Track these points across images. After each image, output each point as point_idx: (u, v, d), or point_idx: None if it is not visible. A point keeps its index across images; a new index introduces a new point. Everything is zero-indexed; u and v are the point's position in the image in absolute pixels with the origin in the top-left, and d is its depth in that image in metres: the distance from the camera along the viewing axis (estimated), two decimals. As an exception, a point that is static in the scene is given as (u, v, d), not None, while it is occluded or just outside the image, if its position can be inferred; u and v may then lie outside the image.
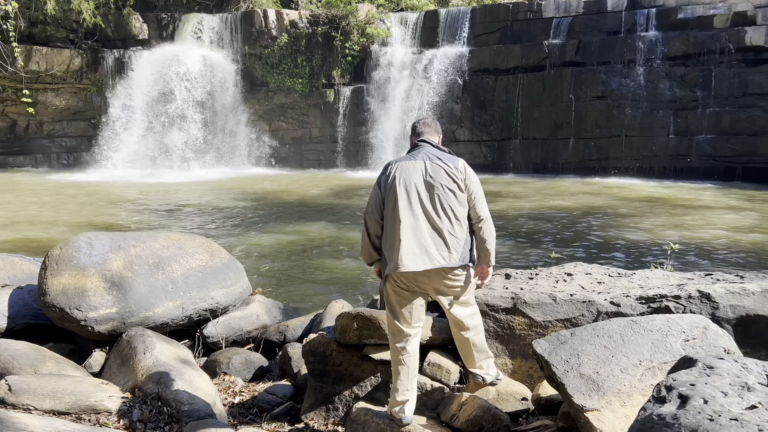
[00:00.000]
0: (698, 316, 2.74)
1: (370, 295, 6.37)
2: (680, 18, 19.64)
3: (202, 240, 6.12)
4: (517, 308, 3.55)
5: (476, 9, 22.73)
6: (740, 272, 3.85)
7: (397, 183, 3.39)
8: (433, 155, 3.47)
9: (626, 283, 3.84)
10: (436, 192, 3.34)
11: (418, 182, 3.37)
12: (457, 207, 3.34)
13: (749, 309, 3.07)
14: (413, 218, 3.30)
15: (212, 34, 23.19)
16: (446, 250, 3.27)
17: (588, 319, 3.37)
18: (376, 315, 3.60)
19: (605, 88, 20.08)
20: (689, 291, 3.22)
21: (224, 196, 15.52)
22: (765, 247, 9.10)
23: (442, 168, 3.39)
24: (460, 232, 3.33)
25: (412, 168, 3.41)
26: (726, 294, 3.13)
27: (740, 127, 18.55)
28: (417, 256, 3.25)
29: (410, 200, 3.33)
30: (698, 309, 3.13)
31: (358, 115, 22.98)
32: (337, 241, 10.10)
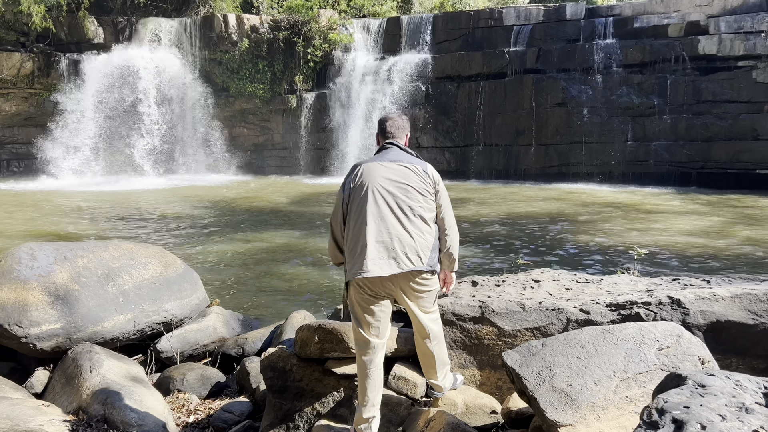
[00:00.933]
0: (671, 323, 2.65)
1: (334, 305, 6.18)
2: (636, 27, 20.06)
3: (155, 249, 5.84)
4: (485, 317, 3.42)
5: (438, 16, 22.81)
6: (707, 277, 3.81)
7: (363, 185, 3.27)
8: (402, 159, 3.37)
9: (594, 290, 3.76)
10: (404, 195, 3.23)
11: (386, 185, 3.25)
12: (425, 211, 3.25)
13: (719, 315, 3.01)
14: (380, 221, 3.18)
15: (171, 39, 22.69)
16: (414, 254, 3.15)
17: (557, 327, 3.26)
18: (339, 327, 3.42)
19: (565, 95, 20.35)
20: (659, 297, 3.14)
21: (182, 204, 15.10)
22: (725, 251, 9.24)
23: (410, 171, 3.30)
24: (429, 236, 3.23)
25: (380, 170, 3.31)
26: (696, 300, 3.07)
27: (695, 133, 19.00)
28: (384, 260, 3.12)
29: (377, 203, 3.21)
30: (669, 315, 3.06)
31: (320, 121, 22.77)
32: (299, 249, 9.88)
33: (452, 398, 3.26)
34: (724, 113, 18.72)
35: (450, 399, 3.26)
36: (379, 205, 3.21)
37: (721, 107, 18.76)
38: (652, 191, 17.74)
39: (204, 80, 22.75)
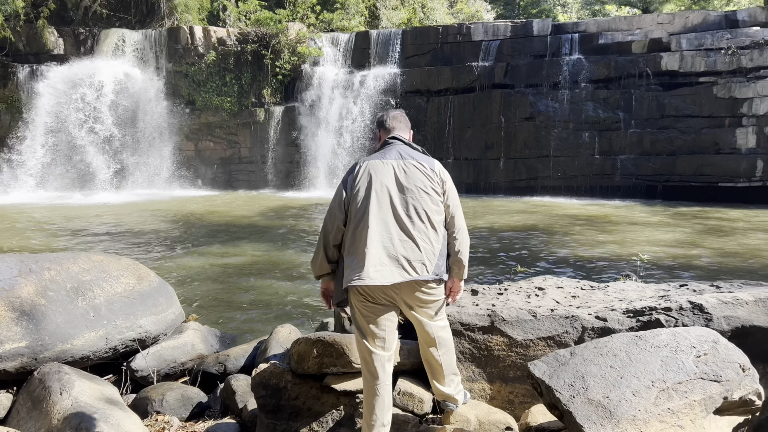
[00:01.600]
0: (704, 329, 2.51)
1: (318, 319, 5.92)
2: (601, 43, 20.45)
3: (128, 262, 5.50)
4: (495, 326, 3.23)
5: (407, 31, 22.87)
6: (714, 282, 3.71)
7: (365, 184, 3.01)
8: (407, 154, 3.12)
9: (602, 296, 3.61)
10: (410, 195, 2.98)
11: (390, 184, 3.00)
12: (432, 213, 2.99)
13: (744, 320, 2.89)
14: (383, 224, 2.93)
15: (134, 51, 22.16)
16: (420, 261, 2.90)
17: (572, 336, 3.09)
18: (339, 339, 3.19)
19: (533, 109, 20.55)
20: (680, 302, 3.00)
21: (148, 219, 14.60)
22: (701, 260, 9.30)
23: (417, 169, 3.05)
24: (436, 241, 2.98)
25: (383, 168, 3.05)
26: (719, 304, 2.94)
27: (659, 147, 19.38)
28: (386, 267, 2.87)
29: (380, 204, 2.96)
30: (691, 321, 2.92)
31: (289, 135, 22.49)
32: (273, 263, 9.57)
33: (464, 414, 3.05)
34: (687, 128, 19.16)
35: (462, 415, 3.04)
36: (381, 207, 2.96)
37: (684, 122, 19.20)
38: (620, 204, 17.97)
39: (169, 93, 22.24)
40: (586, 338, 3.05)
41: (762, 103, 18.21)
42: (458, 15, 33.77)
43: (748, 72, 18.39)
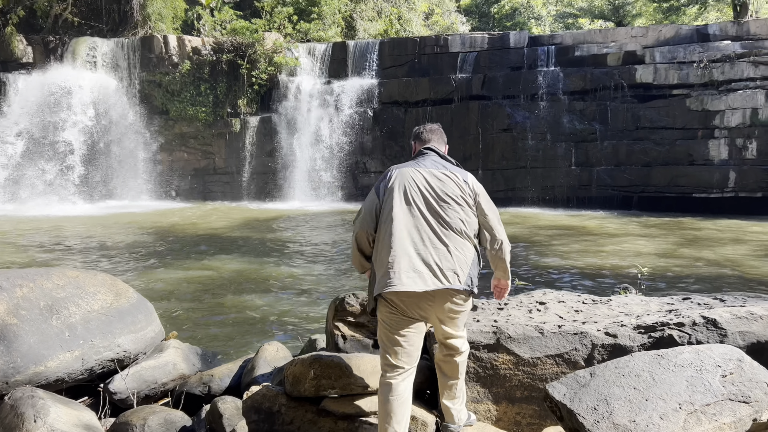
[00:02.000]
0: (727, 346, 2.41)
1: (306, 336, 5.73)
2: (577, 55, 20.67)
3: (104, 277, 5.25)
4: (501, 344, 3.10)
5: (384, 42, 22.85)
6: (718, 295, 3.63)
7: (398, 191, 2.98)
8: (441, 164, 3.15)
9: (606, 311, 3.51)
10: (443, 204, 2.97)
11: (423, 192, 2.99)
12: (465, 222, 2.98)
13: (759, 335, 2.80)
14: (416, 231, 2.91)
15: (106, 59, 21.71)
16: (452, 270, 2.85)
17: (582, 353, 2.97)
18: (338, 360, 3.02)
19: (510, 121, 20.65)
20: (692, 317, 2.90)
21: (121, 232, 14.21)
22: (684, 271, 9.34)
23: (450, 179, 3.07)
24: (467, 251, 2.95)
25: (417, 176, 3.05)
26: (733, 319, 2.85)
27: (635, 158, 19.60)
28: (418, 274, 2.82)
29: (411, 211, 2.94)
30: (704, 337, 2.82)
31: (265, 145, 22.22)
32: (252, 277, 9.33)
33: (470, 437, 2.90)
34: (661, 139, 19.43)
35: (468, 438, 2.89)
36: (413, 215, 2.94)
37: (658, 133, 19.47)
38: (597, 215, 18.10)
39: (142, 102, 21.83)
40: (596, 355, 2.94)
41: (733, 116, 18.56)
42: (434, 27, 33.96)
43: (720, 85, 18.75)
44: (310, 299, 7.88)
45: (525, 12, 36.47)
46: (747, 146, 18.39)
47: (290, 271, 9.77)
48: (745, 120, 18.43)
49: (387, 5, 29.10)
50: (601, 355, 2.92)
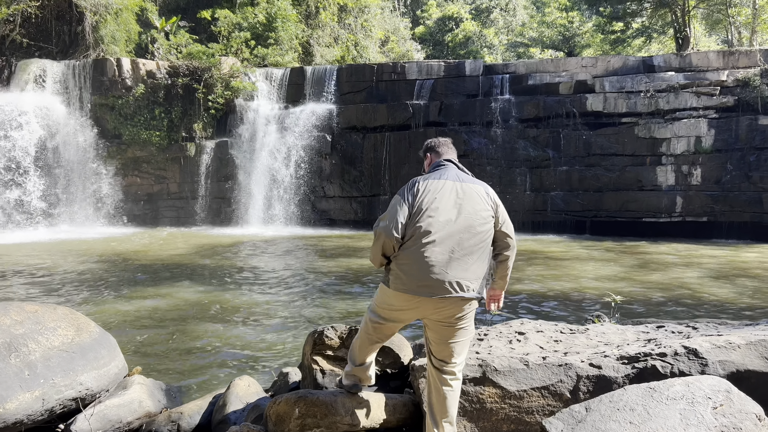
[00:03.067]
0: (715, 377, 2.47)
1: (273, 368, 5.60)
2: (530, 84, 21.27)
3: (64, 311, 5.01)
4: (487, 377, 3.09)
5: (342, 68, 23.01)
6: (690, 323, 3.73)
7: (429, 201, 3.14)
8: (462, 177, 3.31)
9: (585, 340, 3.56)
10: (468, 216, 3.13)
11: (451, 203, 3.15)
12: (486, 234, 3.16)
13: (738, 364, 2.88)
14: (446, 240, 3.06)
15: (56, 82, 21.12)
16: (469, 280, 3.04)
17: (567, 385, 2.99)
18: (324, 399, 2.95)
19: (467, 147, 21.00)
20: (674, 348, 2.97)
21: (73, 260, 13.68)
22: (643, 295, 9.59)
23: (473, 191, 3.24)
24: (484, 262, 3.14)
25: (443, 188, 3.20)
26: (713, 348, 2.93)
27: (587, 184, 20.18)
28: (439, 282, 3.00)
29: (441, 221, 3.09)
30: (686, 367, 2.89)
31: (221, 170, 21.93)
32: (211, 306, 9.10)
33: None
34: (611, 165, 20.08)
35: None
36: (443, 223, 3.09)
37: (609, 160, 20.12)
38: (553, 239, 18.49)
39: (93, 126, 21.28)
40: (581, 387, 2.96)
41: (679, 143, 19.37)
42: (389, 54, 34.48)
43: (666, 114, 19.58)
44: (274, 329, 7.72)
45: (478, 41, 37.43)
46: (692, 172, 19.19)
47: (252, 299, 9.58)
48: (690, 147, 19.26)
49: (344, 32, 29.40)
50: (586, 386, 2.95)
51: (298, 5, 26.86)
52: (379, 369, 3.61)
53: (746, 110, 19.01)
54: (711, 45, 32.48)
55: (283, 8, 24.97)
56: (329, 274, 11.78)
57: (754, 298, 9.38)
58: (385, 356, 3.80)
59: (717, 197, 18.92)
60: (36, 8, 20.98)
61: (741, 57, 19.75)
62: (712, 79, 19.34)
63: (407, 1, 43.77)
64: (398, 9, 41.40)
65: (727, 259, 14.00)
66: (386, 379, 3.73)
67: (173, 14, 25.79)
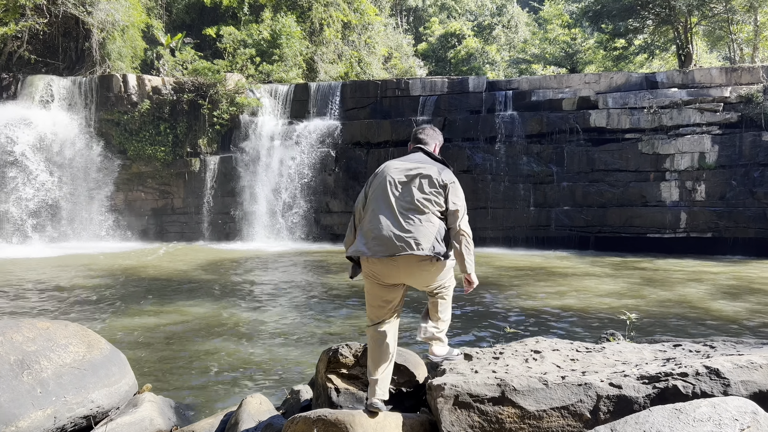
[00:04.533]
0: (741, 398, 2.45)
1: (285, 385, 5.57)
2: (534, 100, 21.37)
3: (75, 328, 5.02)
4: (506, 397, 3.07)
5: (346, 84, 23.15)
6: (707, 341, 3.72)
7: (379, 177, 3.69)
8: (422, 159, 3.71)
9: (602, 359, 3.54)
10: (413, 187, 3.56)
11: (399, 177, 3.61)
12: (430, 202, 3.54)
13: (761, 384, 2.86)
14: (386, 209, 3.55)
15: (62, 98, 21.27)
16: (413, 240, 3.44)
17: (587, 405, 2.97)
18: (342, 418, 2.93)
19: (470, 162, 21.06)
20: (695, 367, 2.95)
21: (79, 275, 13.68)
22: (651, 311, 9.55)
23: (425, 168, 3.62)
24: (429, 225, 3.50)
25: (397, 166, 3.69)
26: (735, 369, 2.91)
27: (591, 200, 20.20)
28: (386, 243, 3.47)
29: (386, 192, 3.59)
30: (708, 387, 2.87)
31: (226, 185, 21.99)
32: (219, 322, 9.08)
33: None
34: (615, 181, 20.10)
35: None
36: (387, 194, 3.58)
37: (612, 176, 20.15)
38: (557, 255, 18.45)
39: (99, 142, 21.39)
40: (601, 407, 2.94)
41: (682, 159, 19.40)
42: (392, 70, 34.70)
43: (669, 129, 19.64)
44: (285, 345, 7.70)
45: (480, 57, 37.65)
46: (696, 188, 19.20)
47: (259, 315, 9.55)
48: (694, 163, 19.29)
49: (347, 48, 29.61)
50: (607, 406, 2.93)
51: (302, 22, 27.10)
52: (393, 387, 3.59)
53: (750, 126, 19.06)
54: (713, 61, 32.67)
55: (288, 25, 25.18)
56: (336, 290, 11.76)
57: (763, 314, 9.33)
58: (400, 375, 3.78)
59: (721, 213, 18.91)
60: (44, 25, 21.18)
61: (744, 73, 19.84)
62: (715, 95, 19.42)
63: (410, 19, 44.14)
64: (401, 26, 41.74)
65: (734, 275, 13.95)
66: (401, 398, 3.71)
67: (179, 31, 26.04)
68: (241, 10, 26.07)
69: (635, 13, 24.59)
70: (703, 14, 23.70)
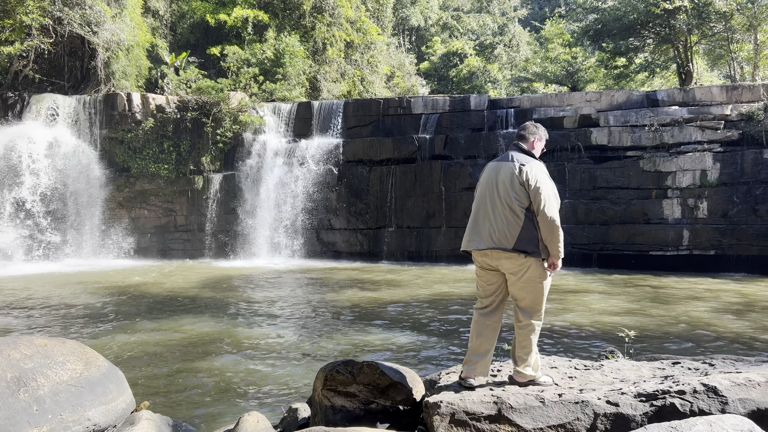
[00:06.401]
0: (738, 416, 2.43)
1: (283, 403, 5.54)
2: (535, 118, 21.41)
3: (73, 345, 5.00)
4: (503, 414, 3.05)
5: (349, 103, 23.30)
6: (706, 359, 3.69)
7: (483, 178, 4.27)
8: (512, 158, 4.14)
9: (600, 377, 3.52)
10: (502, 188, 4.05)
11: (493, 178, 4.15)
12: (515, 201, 3.98)
13: (759, 402, 2.84)
14: (483, 207, 4.14)
15: (67, 116, 21.44)
16: (503, 236, 3.97)
17: (584, 423, 2.95)
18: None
19: (473, 180, 21.05)
20: (693, 385, 2.93)
21: (81, 292, 13.69)
22: (656, 329, 9.50)
23: (511, 168, 4.08)
24: (515, 223, 3.98)
25: (494, 167, 4.23)
26: (732, 386, 2.89)
27: (593, 217, 20.17)
28: (480, 237, 4.09)
29: (484, 193, 4.18)
30: (706, 405, 2.85)
31: (229, 203, 22.05)
32: (221, 339, 9.06)
33: None
34: (617, 199, 20.09)
35: None
36: (486, 195, 4.15)
37: (614, 193, 20.14)
38: (559, 272, 18.30)
39: (103, 159, 21.52)
40: (598, 425, 2.92)
41: (684, 176, 19.40)
42: (395, 89, 34.93)
43: (670, 147, 19.66)
44: (284, 363, 7.67)
45: (482, 76, 37.88)
46: (698, 206, 19.17)
47: (259, 332, 9.53)
48: (696, 181, 19.28)
49: (350, 67, 29.85)
50: (604, 424, 2.91)
51: (305, 42, 27.36)
52: (390, 404, 3.57)
53: (751, 144, 19.08)
54: (713, 80, 32.81)
55: (291, 45, 25.42)
56: (336, 308, 11.73)
57: (766, 332, 9.27)
58: (397, 392, 3.76)
59: (724, 231, 18.86)
60: (49, 44, 21.42)
61: (744, 91, 19.91)
62: (716, 113, 19.47)
63: (412, 38, 44.52)
64: (403, 45, 42.09)
65: (737, 292, 13.88)
66: (398, 416, 3.69)
67: (183, 50, 26.30)
68: (245, 29, 26.34)
69: (635, 32, 24.77)
70: (703, 33, 23.87)
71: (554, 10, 43.74)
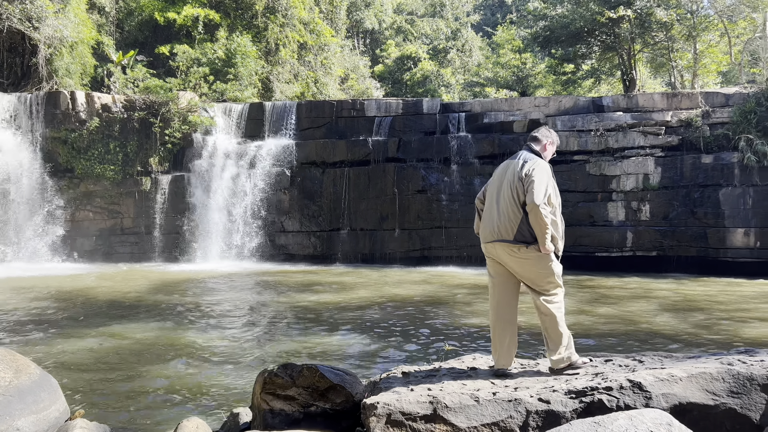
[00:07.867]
0: (657, 411, 2.52)
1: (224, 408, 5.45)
2: (486, 122, 21.79)
3: (2, 353, 4.81)
4: (438, 414, 3.08)
5: (302, 104, 23.17)
6: (636, 356, 3.82)
7: (493, 176, 4.68)
8: (520, 158, 4.51)
9: (535, 375, 3.58)
10: (506, 184, 4.41)
11: (502, 176, 4.53)
12: (517, 196, 4.31)
13: (680, 396, 2.95)
14: (492, 203, 4.50)
15: (6, 114, 20.61)
16: (504, 228, 4.32)
17: (517, 420, 3.01)
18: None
19: (425, 183, 21.27)
20: (619, 381, 3.03)
21: (18, 298, 13.16)
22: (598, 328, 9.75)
23: (517, 165, 4.44)
24: (515, 216, 4.30)
25: (504, 165, 4.62)
26: (656, 382, 2.99)
27: (542, 219, 20.56)
28: (488, 230, 4.46)
29: (494, 189, 4.55)
30: (632, 400, 2.94)
31: (178, 205, 21.60)
32: (167, 345, 8.85)
33: None
34: (565, 202, 20.42)
35: None
36: (494, 191, 4.53)
37: (562, 196, 20.17)
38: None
39: (45, 160, 20.77)
40: (530, 422, 2.98)
41: (628, 180, 20.04)
42: (349, 91, 34.93)
43: (615, 152, 20.29)
44: (231, 368, 7.55)
45: (435, 80, 38.25)
46: (641, 208, 19.83)
47: (208, 337, 9.36)
48: (639, 184, 19.94)
49: (304, 69, 29.70)
50: (536, 421, 2.97)
51: (258, 42, 27.07)
52: (330, 407, 3.56)
53: (690, 149, 19.86)
54: (656, 87, 34.00)
55: (243, 45, 25.11)
56: (285, 311, 11.63)
57: (701, 330, 9.65)
58: (337, 394, 3.75)
59: (665, 232, 19.55)
60: (-13, 40, 20.58)
61: (684, 99, 20.71)
62: (657, 119, 20.19)
63: (367, 41, 44.63)
64: (358, 48, 42.14)
65: (676, 292, 14.41)
66: (338, 418, 3.68)
67: (131, 48, 25.66)
68: (195, 28, 25.89)
69: (582, 39, 25.47)
70: (646, 42, 24.73)
71: (506, 16, 44.63)
